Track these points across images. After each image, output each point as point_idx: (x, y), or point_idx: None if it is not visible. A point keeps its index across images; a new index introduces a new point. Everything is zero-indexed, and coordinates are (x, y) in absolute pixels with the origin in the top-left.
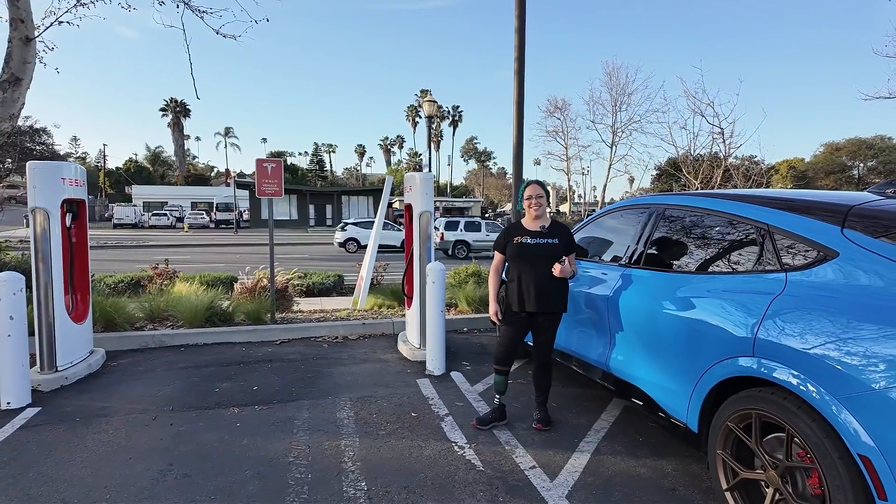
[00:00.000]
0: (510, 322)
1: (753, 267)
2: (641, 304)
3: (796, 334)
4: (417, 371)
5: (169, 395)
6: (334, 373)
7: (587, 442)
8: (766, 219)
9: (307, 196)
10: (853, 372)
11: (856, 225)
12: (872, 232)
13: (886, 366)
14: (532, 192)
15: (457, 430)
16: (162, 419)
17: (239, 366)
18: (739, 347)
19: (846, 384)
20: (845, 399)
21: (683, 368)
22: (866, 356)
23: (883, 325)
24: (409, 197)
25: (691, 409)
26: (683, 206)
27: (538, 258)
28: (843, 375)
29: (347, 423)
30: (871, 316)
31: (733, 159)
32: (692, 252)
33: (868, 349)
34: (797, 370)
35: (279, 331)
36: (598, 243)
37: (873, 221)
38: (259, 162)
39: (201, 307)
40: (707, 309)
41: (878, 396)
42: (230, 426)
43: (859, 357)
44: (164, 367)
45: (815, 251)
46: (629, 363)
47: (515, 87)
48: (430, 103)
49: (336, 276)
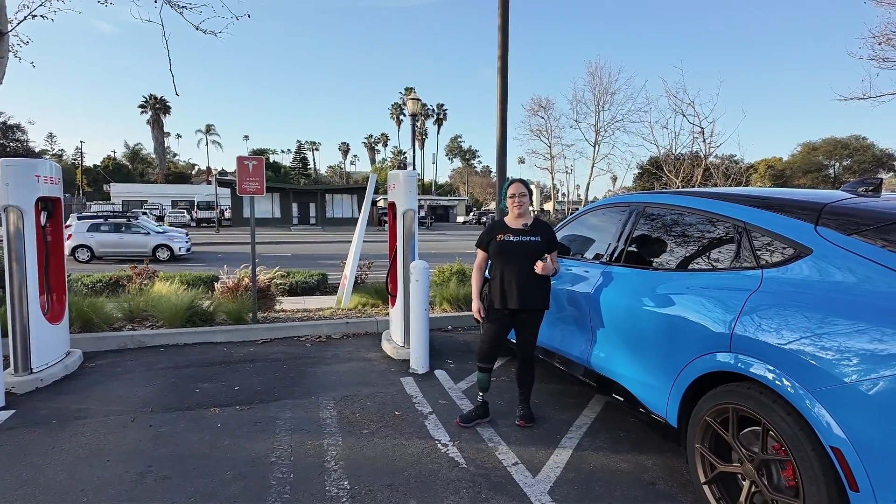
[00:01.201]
0: (493, 319)
1: (731, 264)
2: (622, 301)
3: (772, 330)
4: (401, 370)
5: (148, 396)
6: (317, 372)
7: (569, 438)
8: (743, 217)
9: (290, 194)
10: (826, 366)
11: (829, 222)
12: (845, 229)
13: (857, 360)
14: (515, 190)
15: (440, 427)
16: (141, 420)
17: (220, 366)
18: (717, 343)
19: (819, 378)
20: (818, 393)
21: (663, 364)
22: (838, 351)
23: (854, 321)
24: (393, 195)
25: (671, 404)
26: (663, 205)
27: (520, 256)
28: (816, 370)
29: (330, 422)
30: (843, 311)
31: (713, 158)
32: (672, 250)
33: (840, 344)
34: (772, 365)
35: (261, 330)
36: (580, 241)
37: (846, 219)
38: (240, 159)
39: (181, 307)
40: (686, 306)
41: (850, 390)
42: (211, 427)
43: (831, 352)
44: (143, 367)
45: (790, 248)
46: (610, 360)
47: (499, 84)
48: (413, 101)
49: (320, 275)
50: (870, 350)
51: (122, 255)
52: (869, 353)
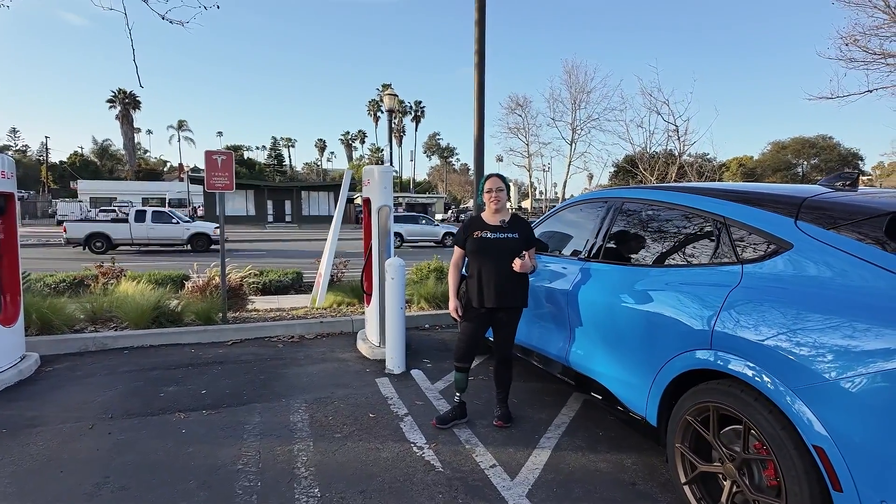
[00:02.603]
0: (470, 318)
1: (710, 260)
2: (600, 297)
3: (752, 326)
4: (377, 370)
5: (109, 401)
6: (289, 374)
7: (547, 438)
8: (721, 211)
9: (265, 191)
10: (807, 363)
11: (808, 217)
12: (824, 224)
13: (837, 356)
14: (492, 185)
15: (416, 430)
16: (100, 428)
17: (187, 368)
18: (697, 340)
19: (800, 375)
20: (800, 390)
21: (642, 362)
22: (818, 347)
23: (834, 316)
24: (368, 191)
25: (650, 403)
26: (641, 200)
27: (498, 253)
28: (797, 366)
29: (301, 426)
30: (822, 307)
31: (687, 157)
32: (650, 245)
33: (820, 340)
34: (753, 362)
35: (231, 331)
36: (558, 237)
37: (825, 213)
38: (208, 153)
39: (147, 307)
40: (665, 302)
41: (832, 387)
42: (175, 433)
43: (812, 348)
44: (104, 371)
45: (769, 243)
46: (589, 357)
47: (476, 80)
48: (390, 96)
49: (294, 274)
50: (851, 346)
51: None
52: (850, 349)
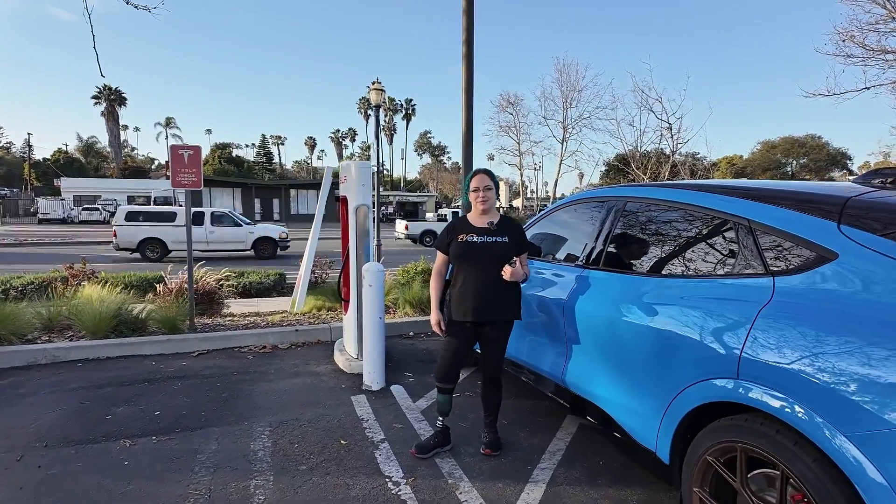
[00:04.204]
0: (454, 333)
1: (732, 270)
2: (601, 311)
3: (790, 354)
4: (353, 386)
5: (47, 425)
6: (255, 391)
7: (542, 469)
8: (745, 213)
9: (253, 189)
10: (870, 404)
11: (854, 220)
12: (875, 228)
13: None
14: (479, 182)
15: (392, 460)
16: (29, 460)
17: (143, 384)
18: (719, 367)
19: (861, 419)
20: (860, 438)
21: (652, 389)
22: (886, 384)
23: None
24: (345, 188)
25: (661, 436)
26: (647, 199)
27: (486, 259)
28: (856, 407)
29: (262, 455)
30: (888, 332)
31: (677, 155)
32: (658, 252)
33: (887, 375)
34: (794, 398)
35: (197, 340)
36: (552, 241)
37: (874, 216)
38: (174, 149)
39: (107, 314)
40: (678, 319)
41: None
42: (115, 466)
43: (878, 385)
44: (50, 388)
45: (807, 251)
46: (588, 379)
47: (464, 72)
48: (377, 91)
49: (277, 275)
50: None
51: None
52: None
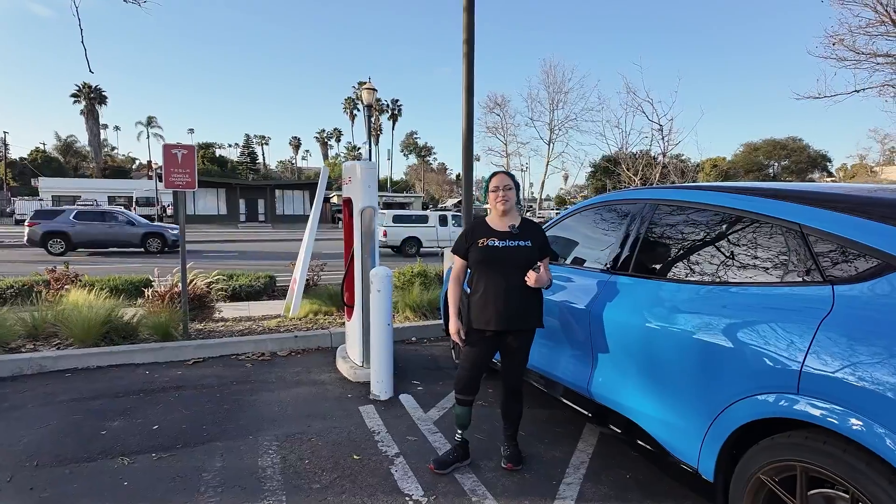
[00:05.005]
0: (474, 342)
1: (782, 278)
2: (632, 318)
3: (863, 369)
4: (360, 395)
5: (38, 442)
6: (258, 402)
7: (567, 484)
8: (797, 217)
9: (237, 190)
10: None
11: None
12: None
13: None
14: (499, 182)
15: (410, 475)
16: (20, 480)
17: (138, 396)
18: (777, 382)
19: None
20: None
21: (693, 403)
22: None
23: None
24: (349, 190)
25: (705, 453)
26: (681, 202)
27: (508, 264)
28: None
29: (272, 473)
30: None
31: (661, 157)
32: (695, 258)
33: None
34: (867, 416)
35: (192, 348)
36: (572, 245)
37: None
38: (167, 148)
39: (96, 321)
40: (724, 330)
41: None
42: (114, 486)
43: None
44: (38, 401)
45: (871, 259)
46: (616, 389)
47: (464, 72)
48: (369, 91)
49: (267, 278)
50: None
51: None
52: None
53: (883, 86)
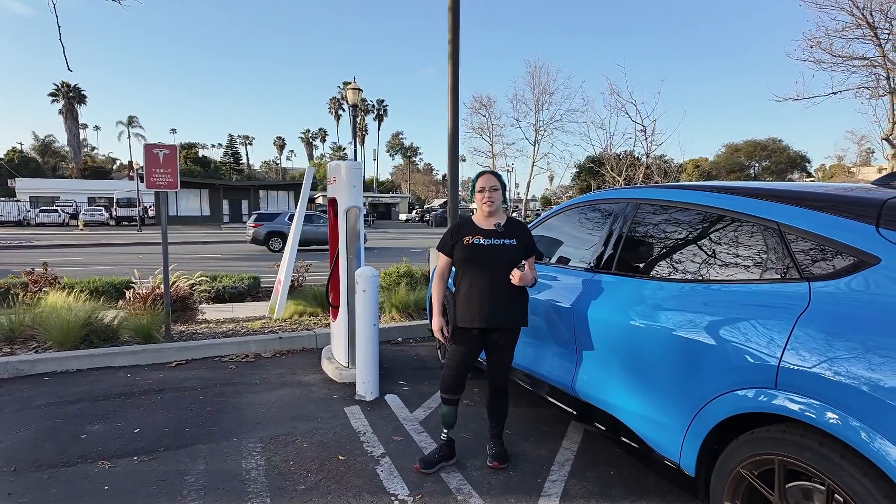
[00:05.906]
0: (459, 340)
1: (761, 276)
2: (616, 316)
3: (839, 363)
4: (346, 396)
5: (14, 447)
6: (242, 404)
7: (552, 481)
8: (775, 216)
9: (221, 190)
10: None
11: (894, 223)
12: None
13: None
14: (485, 183)
15: (396, 475)
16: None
17: (119, 399)
18: (755, 377)
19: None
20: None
21: (675, 399)
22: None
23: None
24: (334, 189)
25: (687, 448)
26: (663, 202)
27: (493, 262)
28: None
29: (256, 475)
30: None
31: (645, 157)
32: (677, 256)
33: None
34: (842, 409)
35: (175, 350)
36: (557, 244)
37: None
38: (148, 148)
39: (76, 323)
40: (704, 327)
41: None
42: (95, 491)
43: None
44: (15, 405)
45: (845, 256)
46: (601, 387)
47: (450, 72)
48: (354, 91)
49: (251, 279)
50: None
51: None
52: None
53: (859, 88)
